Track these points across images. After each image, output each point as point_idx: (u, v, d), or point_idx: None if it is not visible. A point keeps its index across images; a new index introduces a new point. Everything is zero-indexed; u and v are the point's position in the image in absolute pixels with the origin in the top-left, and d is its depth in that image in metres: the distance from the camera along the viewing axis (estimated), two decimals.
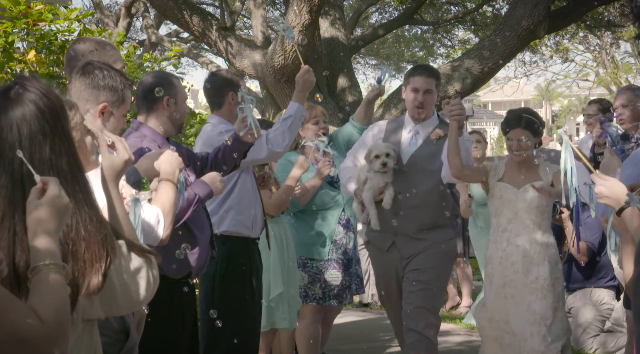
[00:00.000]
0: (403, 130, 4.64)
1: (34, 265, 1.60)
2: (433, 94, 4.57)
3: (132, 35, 18.16)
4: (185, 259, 3.49)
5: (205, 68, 15.90)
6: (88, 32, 5.24)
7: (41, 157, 1.79)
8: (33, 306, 1.53)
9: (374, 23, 17.15)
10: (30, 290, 1.59)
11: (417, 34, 19.17)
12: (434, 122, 4.63)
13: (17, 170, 1.78)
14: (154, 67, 6.24)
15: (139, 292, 1.95)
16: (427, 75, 4.58)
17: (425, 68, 4.75)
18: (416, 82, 4.55)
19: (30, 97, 1.83)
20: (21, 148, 1.77)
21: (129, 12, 14.76)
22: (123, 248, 1.93)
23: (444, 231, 4.57)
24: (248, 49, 9.50)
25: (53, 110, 1.85)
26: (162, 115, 3.62)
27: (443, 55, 19.06)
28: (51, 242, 1.63)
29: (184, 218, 3.40)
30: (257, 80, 10.29)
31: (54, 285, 1.58)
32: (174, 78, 3.73)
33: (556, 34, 15.31)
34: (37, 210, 1.64)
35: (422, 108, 4.54)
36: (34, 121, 1.81)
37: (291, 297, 4.77)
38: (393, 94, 9.45)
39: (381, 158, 4.46)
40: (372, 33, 13.76)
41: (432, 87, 4.56)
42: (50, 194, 1.66)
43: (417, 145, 4.56)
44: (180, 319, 3.55)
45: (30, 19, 4.69)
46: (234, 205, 4.18)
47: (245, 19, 16.56)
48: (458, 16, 14.28)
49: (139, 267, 1.95)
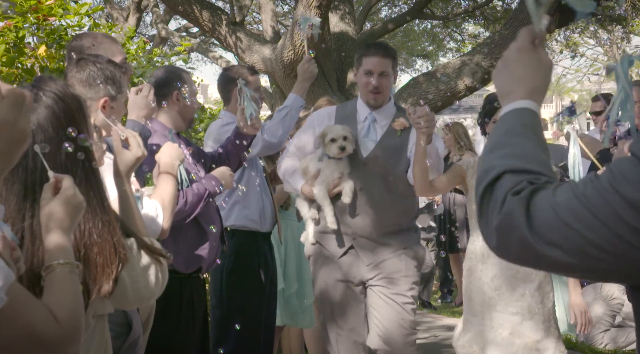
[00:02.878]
0: (357, 118, 4.02)
1: (48, 263, 1.60)
2: (389, 77, 3.98)
3: (142, 30, 18.18)
4: (196, 253, 3.50)
5: (215, 63, 15.90)
6: (98, 27, 5.25)
7: (55, 163, 1.79)
8: (48, 306, 1.52)
9: (383, 17, 17.10)
10: (45, 289, 1.58)
11: (426, 28, 19.11)
12: (391, 108, 4.04)
13: (29, 178, 1.78)
14: (163, 62, 6.25)
15: (148, 288, 1.95)
16: (381, 54, 3.95)
17: (379, 47, 4.07)
18: (369, 63, 3.94)
19: (46, 102, 1.83)
20: (35, 154, 1.76)
21: (139, 7, 14.77)
22: (134, 246, 1.93)
23: (411, 235, 3.99)
24: (258, 43, 9.49)
25: (68, 114, 1.84)
26: (172, 109, 3.64)
27: (453, 49, 19.00)
28: (65, 240, 1.62)
29: (194, 213, 3.41)
30: (267, 75, 10.28)
31: (68, 284, 1.58)
32: (184, 72, 3.75)
33: (566, 28, 15.22)
34: (50, 206, 1.63)
35: (378, 92, 3.94)
36: (48, 126, 1.81)
37: (305, 293, 4.77)
38: (403, 88, 9.42)
39: (338, 142, 3.82)
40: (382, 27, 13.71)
41: (388, 68, 3.96)
42: (64, 191, 1.65)
43: (378, 135, 3.97)
44: (191, 314, 3.56)
45: (40, 14, 4.69)
46: (240, 199, 4.19)
47: (255, 14, 16.55)
48: (468, 10, 14.21)
49: (148, 264, 1.95)
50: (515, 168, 1.29)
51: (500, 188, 1.27)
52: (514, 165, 1.29)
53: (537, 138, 1.36)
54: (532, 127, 1.38)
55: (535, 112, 1.41)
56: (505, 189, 1.26)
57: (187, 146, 3.74)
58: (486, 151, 1.37)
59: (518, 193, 1.24)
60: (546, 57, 1.46)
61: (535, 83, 1.43)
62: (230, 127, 4.16)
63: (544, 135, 1.40)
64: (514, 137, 1.35)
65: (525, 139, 1.35)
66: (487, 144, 1.39)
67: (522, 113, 1.40)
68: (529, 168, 1.29)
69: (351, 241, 3.92)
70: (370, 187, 3.88)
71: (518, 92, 1.42)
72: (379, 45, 4.24)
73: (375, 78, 3.93)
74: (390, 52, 4.01)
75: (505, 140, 1.35)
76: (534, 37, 1.47)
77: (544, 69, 1.45)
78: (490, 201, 1.28)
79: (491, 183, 1.29)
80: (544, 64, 1.45)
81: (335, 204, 3.89)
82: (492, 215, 1.26)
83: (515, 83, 1.44)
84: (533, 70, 1.44)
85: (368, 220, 3.89)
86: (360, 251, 3.92)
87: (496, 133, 1.39)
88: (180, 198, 3.32)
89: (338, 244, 3.95)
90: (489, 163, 1.33)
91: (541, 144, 1.35)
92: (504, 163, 1.30)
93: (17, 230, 1.73)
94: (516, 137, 1.35)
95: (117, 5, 15.09)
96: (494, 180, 1.29)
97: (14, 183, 1.77)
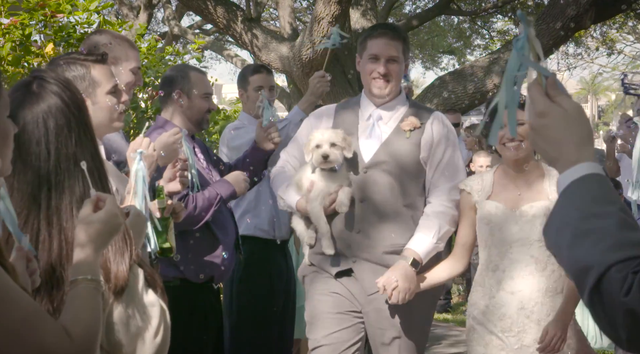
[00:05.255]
0: (360, 116, 3.53)
1: (73, 277, 1.62)
2: (400, 64, 3.46)
3: (154, 27, 18.30)
4: (208, 262, 3.50)
5: (229, 61, 15.96)
6: (107, 24, 5.28)
7: (67, 152, 1.82)
8: (64, 322, 1.54)
9: (407, 13, 17.08)
10: (66, 303, 1.61)
11: (453, 24, 19.05)
12: (402, 102, 3.53)
13: (43, 167, 1.80)
14: (176, 61, 6.28)
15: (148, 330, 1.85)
16: (390, 36, 3.44)
17: (387, 27, 3.61)
18: (375, 46, 3.43)
19: (53, 89, 1.86)
20: (47, 142, 1.79)
21: (150, 3, 14.86)
22: (140, 277, 1.88)
23: None
24: (275, 41, 9.50)
25: (76, 102, 1.89)
26: (177, 110, 3.66)
27: (481, 46, 18.93)
28: (94, 257, 1.64)
29: (205, 218, 3.41)
30: (284, 74, 10.29)
31: (90, 300, 1.60)
32: (191, 71, 3.74)
33: (602, 24, 15.11)
34: (88, 220, 1.65)
35: (387, 80, 3.44)
36: (59, 114, 1.84)
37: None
38: (427, 88, 9.40)
39: (322, 148, 3.34)
40: (406, 24, 13.68)
41: (399, 53, 3.45)
42: (108, 210, 1.67)
43: (383, 137, 3.45)
44: (204, 324, 3.57)
45: (47, 11, 4.72)
46: (251, 208, 4.23)
47: (272, 10, 16.59)
48: (497, 5, 14.15)
49: (153, 302, 1.88)
50: (614, 261, 1.23)
51: (609, 293, 1.23)
52: (611, 259, 1.23)
53: (616, 209, 1.29)
54: (605, 198, 1.30)
55: (596, 173, 1.32)
56: (616, 292, 1.22)
57: (202, 150, 3.75)
58: (567, 243, 1.29)
59: (629, 291, 1.21)
60: (570, 102, 1.37)
61: (574, 138, 1.35)
62: (238, 131, 4.19)
63: (618, 196, 1.34)
64: (593, 220, 1.28)
65: (606, 219, 1.27)
66: (562, 232, 1.31)
67: (584, 183, 1.32)
68: (627, 256, 1.23)
69: (350, 263, 3.42)
70: (373, 198, 3.40)
71: (564, 157, 1.35)
72: (386, 25, 3.70)
73: (382, 64, 3.42)
74: (401, 34, 3.54)
75: (585, 227, 1.28)
76: (545, 89, 1.37)
77: (575, 117, 1.36)
78: (604, 308, 1.24)
79: (596, 285, 1.24)
80: (572, 112, 1.36)
81: (332, 220, 3.40)
82: (618, 325, 1.24)
83: (556, 150, 1.36)
84: (564, 128, 1.35)
85: (371, 237, 3.39)
86: (361, 277, 3.41)
87: (567, 215, 1.31)
88: (190, 203, 3.31)
89: (334, 265, 3.45)
90: (581, 261, 1.26)
91: (624, 216, 1.28)
92: (600, 259, 1.24)
93: (33, 219, 1.76)
94: (595, 218, 1.28)
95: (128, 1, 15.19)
96: (598, 282, 1.24)
97: (27, 173, 1.80)
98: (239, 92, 4.50)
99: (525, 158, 3.21)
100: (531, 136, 1.40)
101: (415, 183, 3.43)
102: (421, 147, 3.42)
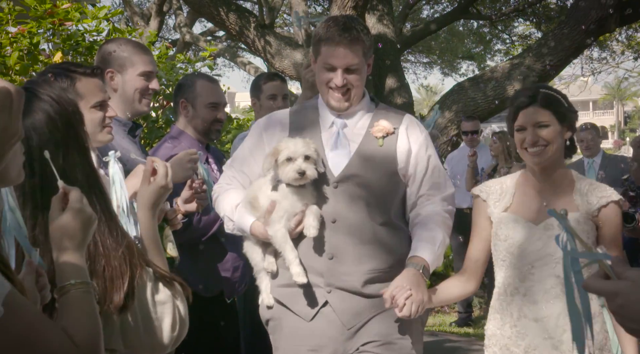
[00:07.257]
0: (321, 124, 3.10)
1: (61, 284, 1.61)
2: (361, 68, 3.02)
3: (165, 35, 18.41)
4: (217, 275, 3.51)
5: (242, 69, 16.02)
6: (117, 31, 5.31)
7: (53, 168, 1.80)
8: (65, 329, 1.53)
9: (425, 17, 17.09)
10: (59, 312, 1.60)
11: (472, 28, 19.03)
12: (367, 105, 3.13)
13: (27, 185, 1.80)
14: (187, 69, 6.31)
15: (162, 328, 1.91)
16: (346, 43, 2.96)
17: (343, 29, 2.98)
18: (329, 57, 2.98)
19: (40, 105, 1.86)
20: (31, 159, 1.77)
21: (161, 9, 14.96)
22: (150, 276, 1.91)
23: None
24: (288, 48, 9.53)
25: (64, 118, 1.87)
26: (185, 120, 3.71)
27: (502, 51, 18.88)
28: (77, 257, 1.63)
29: (212, 230, 3.42)
30: (298, 81, 10.31)
31: (84, 305, 1.59)
32: (199, 79, 3.76)
33: (628, 27, 15.03)
34: (60, 221, 1.65)
35: (346, 90, 3.02)
36: (43, 130, 1.83)
37: None
38: (446, 95, 9.38)
39: (296, 162, 2.90)
40: (424, 29, 13.68)
41: (359, 57, 2.99)
42: (72, 203, 1.67)
43: (352, 146, 3.04)
44: (215, 339, 3.57)
45: (56, 19, 4.76)
46: None
47: (285, 16, 16.65)
48: (518, 8, 14.11)
49: (164, 300, 1.92)
50: None
51: None
52: None
53: None
54: None
55: None
56: None
57: (216, 160, 3.77)
58: None
59: None
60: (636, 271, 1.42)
61: None
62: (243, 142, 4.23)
63: None
64: None
65: None
66: None
67: None
68: None
69: (325, 295, 2.97)
70: (346, 218, 2.96)
71: None
72: (342, 25, 2.98)
73: (340, 75, 2.99)
74: (359, 34, 2.99)
75: None
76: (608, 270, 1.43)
77: None
78: None
79: None
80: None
81: (298, 245, 2.95)
82: None
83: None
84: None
85: (347, 263, 2.95)
86: (337, 310, 2.96)
87: None
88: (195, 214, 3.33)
89: (307, 302, 2.97)
90: None
91: None
92: None
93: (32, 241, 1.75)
94: None
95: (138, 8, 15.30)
96: None
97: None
98: (252, 100, 4.51)
99: (552, 165, 2.84)
100: (618, 320, 1.42)
101: (393, 197, 3.04)
102: (397, 156, 3.03)
